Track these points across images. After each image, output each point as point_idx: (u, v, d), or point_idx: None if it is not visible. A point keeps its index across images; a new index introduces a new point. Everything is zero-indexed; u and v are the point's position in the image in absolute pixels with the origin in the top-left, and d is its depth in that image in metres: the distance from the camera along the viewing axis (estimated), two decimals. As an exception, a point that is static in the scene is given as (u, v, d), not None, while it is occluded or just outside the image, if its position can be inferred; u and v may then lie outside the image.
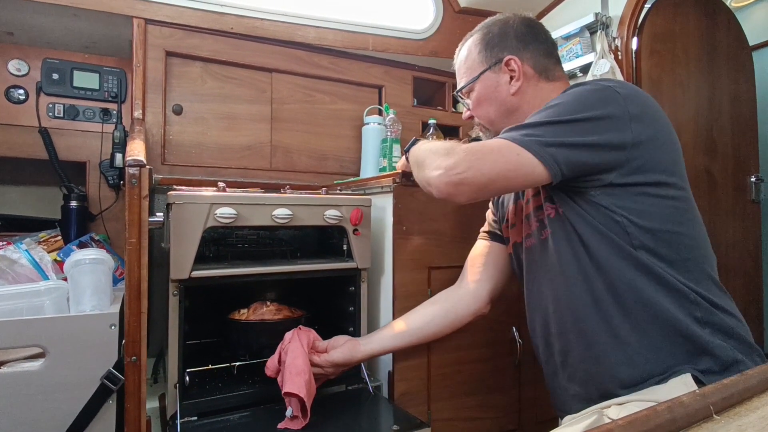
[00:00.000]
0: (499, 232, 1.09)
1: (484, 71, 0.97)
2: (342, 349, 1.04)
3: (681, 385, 0.73)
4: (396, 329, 1.06)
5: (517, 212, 0.99)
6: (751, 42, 2.09)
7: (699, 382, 0.73)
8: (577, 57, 1.76)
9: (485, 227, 1.14)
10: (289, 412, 0.93)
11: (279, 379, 0.98)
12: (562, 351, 0.88)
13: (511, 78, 0.95)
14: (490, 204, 1.15)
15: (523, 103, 0.95)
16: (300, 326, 1.07)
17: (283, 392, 0.93)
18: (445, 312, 1.06)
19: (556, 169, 0.76)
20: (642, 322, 0.77)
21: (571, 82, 1.80)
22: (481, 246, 1.12)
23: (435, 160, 0.84)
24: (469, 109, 1.02)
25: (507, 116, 0.96)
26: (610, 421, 0.73)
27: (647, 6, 1.69)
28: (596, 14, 1.69)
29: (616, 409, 0.76)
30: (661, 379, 0.75)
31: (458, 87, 1.03)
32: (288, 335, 1.03)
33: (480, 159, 0.78)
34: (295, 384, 0.92)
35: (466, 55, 1.01)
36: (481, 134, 1.06)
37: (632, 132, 0.77)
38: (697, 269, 0.80)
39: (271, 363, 1.01)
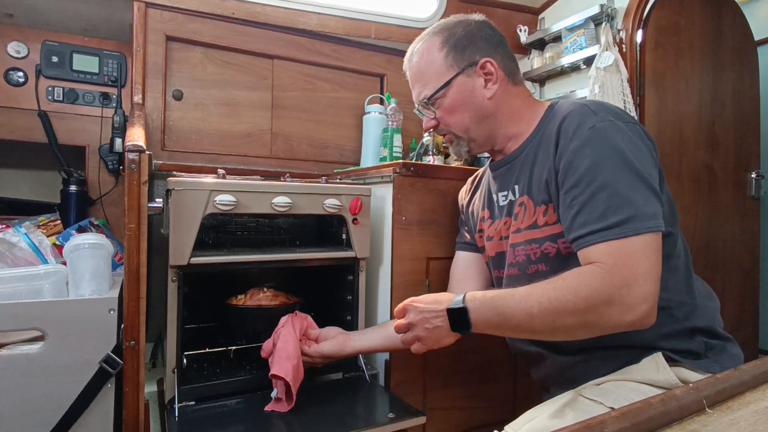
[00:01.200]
0: (473, 243, 1.07)
1: (456, 75, 0.90)
2: (333, 341, 1.04)
3: (653, 363, 0.76)
4: (389, 330, 1.04)
5: (500, 231, 0.95)
6: (757, 37, 2.07)
7: (670, 360, 0.76)
8: (581, 49, 1.75)
9: (462, 238, 1.11)
10: (274, 394, 0.96)
11: (270, 360, 1.00)
12: (544, 367, 0.91)
13: (487, 81, 0.90)
14: (461, 215, 1.13)
15: (496, 108, 0.91)
16: (296, 312, 1.09)
17: (270, 374, 0.95)
18: None
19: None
20: (625, 343, 0.79)
21: (573, 75, 1.83)
22: (464, 258, 1.09)
23: (595, 308, 0.68)
24: (434, 118, 0.95)
25: (481, 122, 0.92)
26: (586, 399, 0.75)
27: (653, -2, 1.68)
28: (601, 6, 1.67)
29: (591, 389, 0.78)
30: (635, 360, 0.78)
31: (424, 95, 0.94)
32: (283, 319, 1.05)
33: (644, 272, 0.68)
34: (282, 367, 0.94)
35: (427, 61, 0.93)
36: (449, 146, 0.99)
37: (653, 151, 0.79)
38: (682, 264, 0.82)
39: (267, 345, 1.03)
